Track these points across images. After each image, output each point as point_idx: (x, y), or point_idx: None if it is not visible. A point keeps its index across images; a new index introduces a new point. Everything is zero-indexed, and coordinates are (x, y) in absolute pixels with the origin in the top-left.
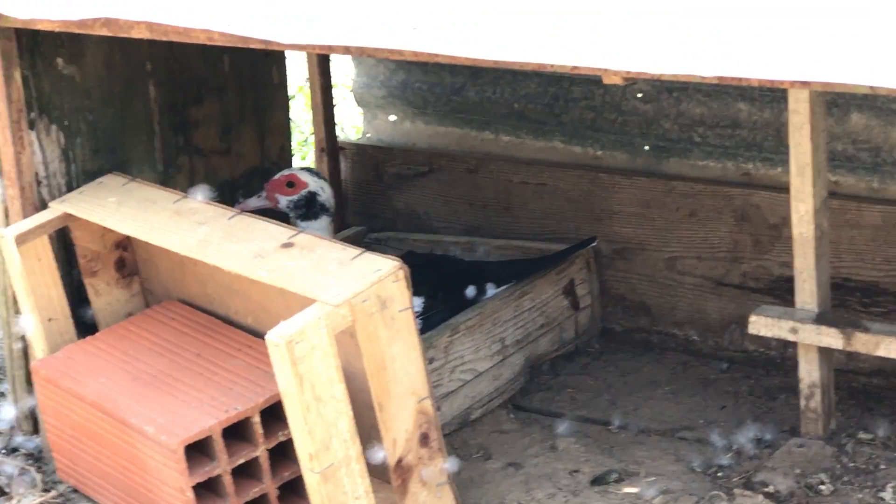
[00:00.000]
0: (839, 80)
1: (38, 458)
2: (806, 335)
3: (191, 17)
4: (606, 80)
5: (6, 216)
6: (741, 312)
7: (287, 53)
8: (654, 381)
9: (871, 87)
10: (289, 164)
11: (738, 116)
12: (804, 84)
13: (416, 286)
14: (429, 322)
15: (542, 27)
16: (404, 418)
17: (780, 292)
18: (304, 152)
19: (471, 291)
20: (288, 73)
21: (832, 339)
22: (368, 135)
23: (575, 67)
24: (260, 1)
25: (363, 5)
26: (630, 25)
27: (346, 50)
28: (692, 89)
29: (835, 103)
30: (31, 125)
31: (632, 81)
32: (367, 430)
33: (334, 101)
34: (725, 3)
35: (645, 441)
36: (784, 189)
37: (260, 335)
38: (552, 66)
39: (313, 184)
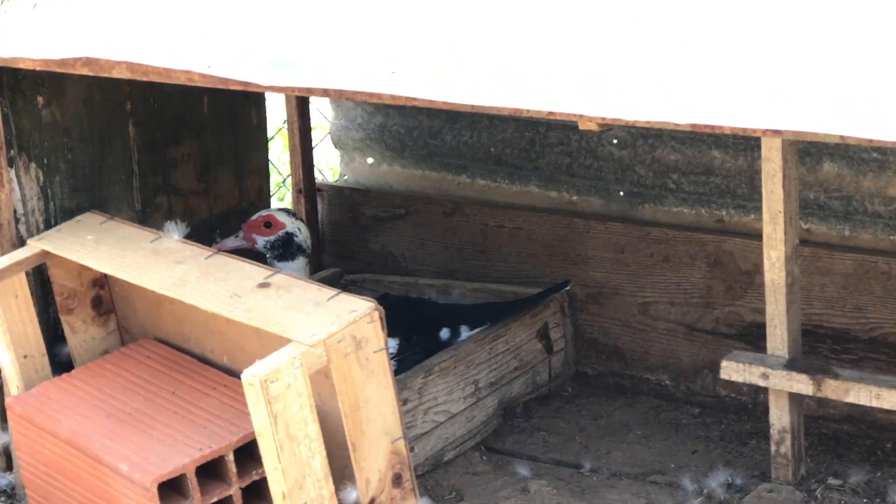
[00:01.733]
0: (810, 129)
1: (10, 496)
2: (777, 381)
3: (171, 58)
4: (582, 126)
5: None
6: (713, 358)
7: (267, 95)
8: (627, 425)
9: (842, 137)
10: (267, 205)
11: (712, 164)
12: (776, 132)
13: (391, 328)
14: (403, 363)
15: (519, 73)
16: (378, 458)
17: (752, 338)
18: (281, 193)
19: (445, 334)
20: (267, 114)
21: (802, 385)
22: (346, 177)
23: (551, 113)
24: (240, 43)
25: (342, 50)
26: (606, 72)
27: (324, 92)
28: (667, 136)
29: (807, 152)
30: (10, 163)
31: (607, 128)
32: (341, 469)
33: (312, 143)
34: (699, 53)
35: (616, 484)
36: (756, 236)
37: (235, 374)
38: (528, 111)
39: (290, 225)
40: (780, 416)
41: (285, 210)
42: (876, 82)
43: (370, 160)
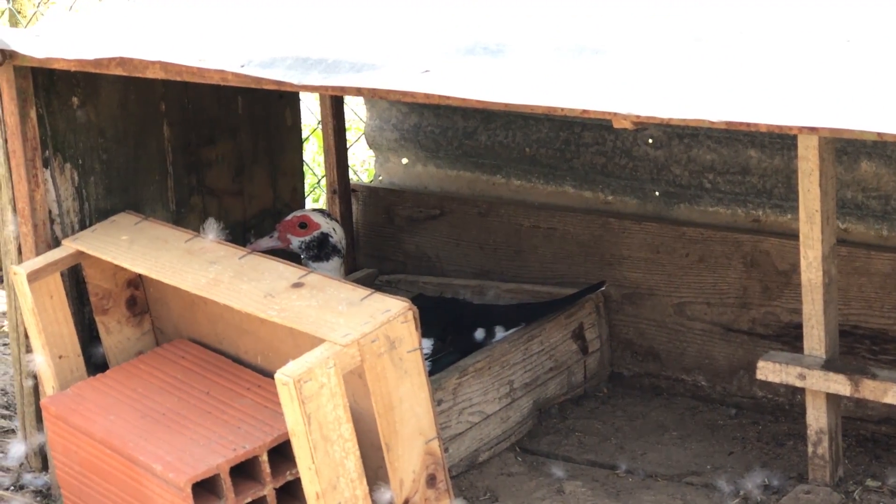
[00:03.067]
0: (847, 126)
1: (46, 496)
2: (814, 381)
3: (205, 59)
4: (616, 124)
5: (19, 253)
6: (750, 358)
7: (301, 96)
8: (662, 426)
9: (879, 134)
10: (301, 206)
11: (749, 163)
12: (812, 130)
13: (426, 328)
14: (438, 364)
15: (553, 71)
16: (412, 459)
17: (789, 339)
18: (316, 194)
19: (480, 334)
20: (301, 115)
21: (840, 385)
22: (380, 177)
23: (585, 111)
24: (273, 43)
25: (375, 49)
26: (641, 71)
27: (357, 91)
28: (703, 136)
29: (844, 151)
30: (46, 163)
31: (642, 126)
32: (375, 470)
33: (347, 144)
34: (735, 50)
35: (652, 486)
36: (793, 236)
37: (269, 375)
38: (562, 109)
39: (325, 225)
40: (817, 417)
41: (320, 210)
42: None
43: (405, 160)
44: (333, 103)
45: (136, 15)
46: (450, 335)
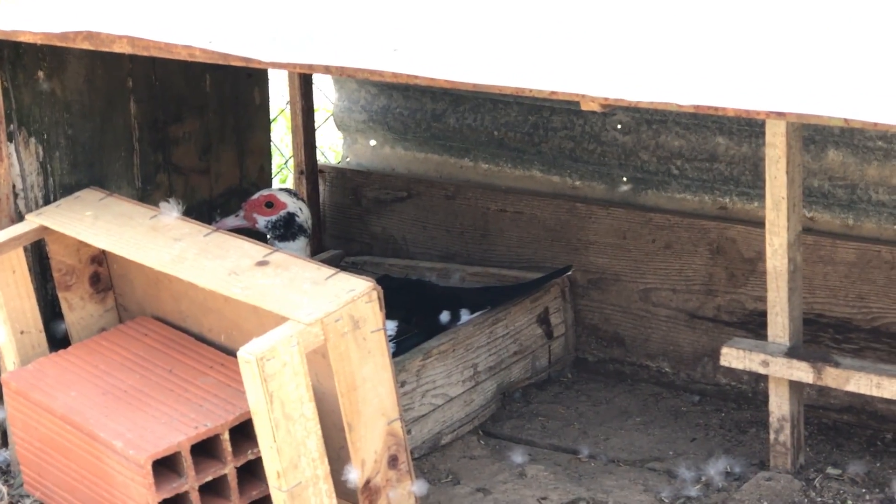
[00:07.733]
0: (814, 112)
1: (5, 472)
2: (777, 368)
3: (173, 34)
4: (584, 107)
5: None
6: (714, 345)
7: (270, 76)
8: (626, 412)
9: (846, 120)
10: (268, 185)
11: (716, 150)
12: (779, 115)
13: (391, 310)
14: (402, 346)
15: (522, 53)
16: (374, 439)
17: (754, 326)
18: (283, 175)
19: (445, 317)
20: (270, 95)
21: (803, 372)
22: (348, 159)
23: (553, 93)
24: (243, 20)
25: (346, 27)
26: (610, 54)
27: (325, 69)
28: (671, 122)
29: (812, 139)
30: (10, 137)
31: (610, 109)
32: (336, 450)
33: (315, 125)
34: (704, 35)
35: (614, 471)
36: (760, 224)
37: (233, 353)
38: (531, 90)
39: (292, 205)
40: (779, 405)
41: (287, 190)
42: (882, 65)
43: (373, 142)
44: (302, 83)
45: None
46: (415, 317)
